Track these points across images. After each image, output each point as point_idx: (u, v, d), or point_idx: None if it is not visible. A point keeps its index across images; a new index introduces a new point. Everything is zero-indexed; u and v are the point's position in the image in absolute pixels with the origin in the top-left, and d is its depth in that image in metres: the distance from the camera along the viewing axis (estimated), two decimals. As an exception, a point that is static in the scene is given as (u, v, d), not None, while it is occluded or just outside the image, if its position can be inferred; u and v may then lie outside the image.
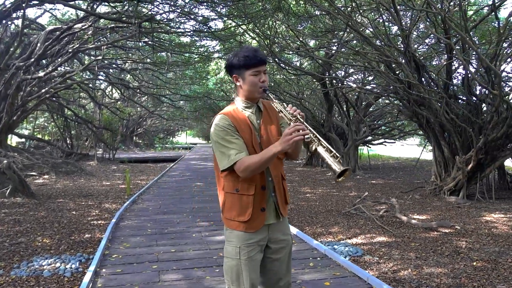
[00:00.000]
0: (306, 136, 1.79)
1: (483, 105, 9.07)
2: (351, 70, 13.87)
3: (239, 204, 2.00)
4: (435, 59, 12.76)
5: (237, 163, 1.91)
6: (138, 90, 20.23)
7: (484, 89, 10.26)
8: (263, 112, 2.12)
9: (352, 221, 6.46)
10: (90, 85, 18.80)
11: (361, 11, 9.00)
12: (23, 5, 8.76)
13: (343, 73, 14.97)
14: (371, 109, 16.18)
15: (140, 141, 40.26)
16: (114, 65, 17.50)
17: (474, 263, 4.31)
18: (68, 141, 19.58)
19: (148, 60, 16.44)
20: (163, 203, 8.02)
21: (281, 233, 2.10)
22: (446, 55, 11.10)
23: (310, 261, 4.35)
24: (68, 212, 7.26)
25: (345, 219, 6.62)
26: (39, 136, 27.99)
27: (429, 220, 6.52)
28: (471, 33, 8.30)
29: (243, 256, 1.97)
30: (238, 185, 2.00)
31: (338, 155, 1.79)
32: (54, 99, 16.87)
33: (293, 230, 5.50)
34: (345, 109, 14.68)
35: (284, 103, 2.00)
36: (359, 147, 17.36)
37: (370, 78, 14.40)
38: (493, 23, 9.15)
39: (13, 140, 26.50)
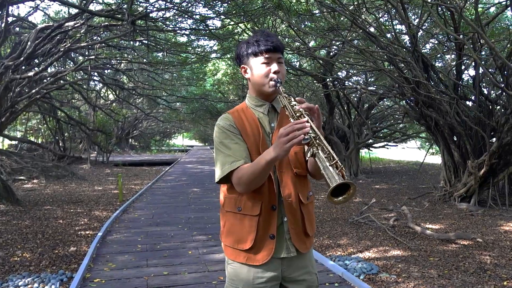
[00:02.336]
0: (305, 137, 1.32)
1: (496, 107, 8.63)
2: (354, 71, 13.41)
3: (240, 227, 1.57)
4: (440, 60, 12.36)
5: (233, 174, 1.51)
6: (134, 92, 19.69)
7: (493, 90, 9.89)
8: (280, 113, 1.67)
9: (362, 232, 5.98)
10: (84, 86, 18.26)
11: (367, 7, 8.54)
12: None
13: (344, 73, 14.53)
14: (373, 111, 15.74)
15: (136, 144, 39.69)
16: (108, 65, 16.96)
17: (505, 283, 3.84)
18: (60, 144, 19.01)
19: (144, 60, 15.93)
20: (156, 212, 7.44)
21: (303, 270, 1.63)
22: (454, 55, 10.69)
23: (327, 287, 3.78)
24: (54, 221, 6.74)
25: (354, 229, 6.14)
26: (32, 138, 27.41)
27: (443, 230, 6.06)
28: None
29: None
30: (241, 203, 1.58)
31: (340, 165, 1.29)
32: (46, 100, 16.32)
33: None
34: (347, 111, 14.23)
35: (291, 98, 1.53)
36: (360, 150, 16.92)
37: (372, 79, 13.96)
38: (507, 21, 8.72)
39: (5, 142, 25.93)
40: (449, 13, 7.59)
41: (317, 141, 1.34)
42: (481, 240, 5.24)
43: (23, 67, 12.45)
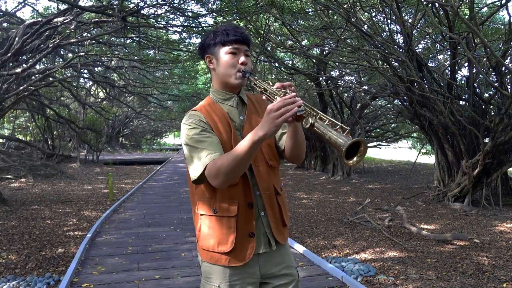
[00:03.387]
0: (299, 109, 1.26)
1: (490, 106, 8.62)
2: (347, 70, 13.36)
3: (218, 229, 1.52)
4: (432, 60, 12.37)
5: (208, 167, 1.41)
6: (124, 89, 19.42)
7: (486, 90, 9.91)
8: (247, 105, 1.63)
9: (357, 232, 5.90)
10: (74, 84, 17.96)
11: (362, 6, 8.47)
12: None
13: (337, 72, 14.48)
14: (366, 110, 15.72)
15: (127, 142, 39.30)
16: (98, 63, 16.68)
17: (504, 285, 3.77)
18: (49, 142, 18.67)
19: (135, 57, 15.70)
20: (147, 213, 7.24)
21: (282, 265, 1.59)
22: (447, 55, 10.69)
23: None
24: (42, 221, 6.55)
25: (349, 230, 6.05)
26: (20, 136, 26.94)
27: (439, 230, 6.01)
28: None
29: None
30: (216, 205, 1.52)
31: (346, 128, 1.24)
32: (34, 97, 16.01)
33: (299, 248, 4.75)
34: (340, 110, 14.18)
35: (269, 82, 1.48)
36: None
37: (365, 78, 13.93)
38: (499, 21, 8.72)
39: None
40: (442, 12, 7.55)
41: (314, 111, 1.29)
42: (478, 240, 5.19)
43: (11, 64, 12.17)
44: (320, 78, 12.51)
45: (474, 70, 8.45)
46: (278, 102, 1.27)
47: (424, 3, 7.00)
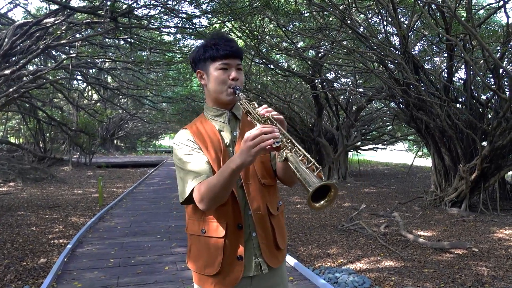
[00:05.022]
0: (275, 140, 1.23)
1: (487, 109, 8.49)
2: (343, 72, 13.21)
3: (206, 250, 1.47)
4: (429, 62, 12.24)
5: (194, 190, 1.40)
6: (118, 91, 19.18)
7: (483, 93, 9.78)
8: (241, 120, 1.58)
9: (352, 240, 5.72)
10: (66, 86, 17.70)
11: (357, 7, 8.31)
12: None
13: (333, 74, 14.33)
14: (362, 113, 15.58)
15: (122, 145, 39.01)
16: (91, 64, 16.45)
17: (505, 298, 3.60)
18: (41, 145, 18.39)
19: (128, 59, 15.48)
20: (134, 220, 6.97)
21: (274, 285, 1.54)
22: (444, 57, 10.56)
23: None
24: (27, 228, 6.33)
25: (344, 237, 5.87)
26: (13, 138, 26.63)
27: (436, 237, 5.84)
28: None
29: None
30: (205, 225, 1.48)
31: (319, 167, 1.19)
32: (26, 99, 15.75)
33: (291, 261, 4.47)
34: (335, 113, 14.03)
35: (255, 103, 1.45)
36: (349, 153, 16.74)
37: (361, 81, 13.79)
38: (496, 23, 8.60)
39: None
40: (439, 14, 7.41)
41: (289, 144, 1.25)
42: (477, 249, 5.02)
43: (0, 65, 11.94)
44: (316, 80, 12.36)
45: (472, 73, 8.32)
46: (255, 130, 1.25)
47: (421, 4, 6.85)
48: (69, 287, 3.85)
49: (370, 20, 9.65)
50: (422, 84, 8.26)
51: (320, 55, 12.19)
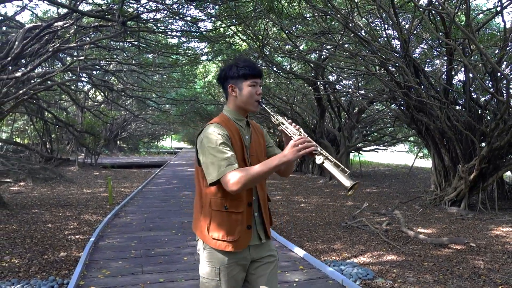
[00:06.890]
0: (315, 148, 1.74)
1: (486, 111, 8.74)
2: (345, 75, 13.47)
3: (228, 223, 1.87)
4: (429, 65, 12.49)
5: (227, 176, 1.74)
6: (123, 93, 19.46)
7: (481, 96, 10.03)
8: (251, 129, 2.02)
9: (355, 236, 5.98)
10: (72, 87, 17.99)
11: (360, 12, 8.58)
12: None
13: (335, 77, 14.59)
14: (364, 115, 15.83)
15: (124, 146, 39.27)
16: (97, 66, 16.73)
17: (500, 288, 3.86)
18: (47, 146, 18.67)
19: (134, 61, 15.75)
20: (148, 217, 7.27)
21: (267, 249, 2.00)
22: (444, 60, 10.81)
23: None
24: (43, 225, 6.60)
25: (347, 234, 6.13)
26: (18, 139, 26.91)
27: (435, 234, 6.10)
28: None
29: (224, 277, 1.86)
30: (227, 202, 1.87)
31: (347, 170, 1.72)
32: (33, 101, 16.03)
33: (300, 252, 4.81)
34: (337, 114, 14.29)
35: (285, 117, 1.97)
36: (350, 154, 16.98)
37: (362, 83, 14.05)
38: (495, 27, 8.85)
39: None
40: (439, 19, 7.66)
41: (324, 153, 1.74)
42: (474, 244, 5.28)
43: (10, 67, 12.21)
44: (318, 83, 12.62)
45: (470, 76, 8.58)
46: (300, 139, 1.73)
47: (421, 9, 7.11)
48: (99, 274, 4.14)
49: (371, 24, 9.91)
50: (422, 86, 8.52)
51: (322, 57, 12.46)
